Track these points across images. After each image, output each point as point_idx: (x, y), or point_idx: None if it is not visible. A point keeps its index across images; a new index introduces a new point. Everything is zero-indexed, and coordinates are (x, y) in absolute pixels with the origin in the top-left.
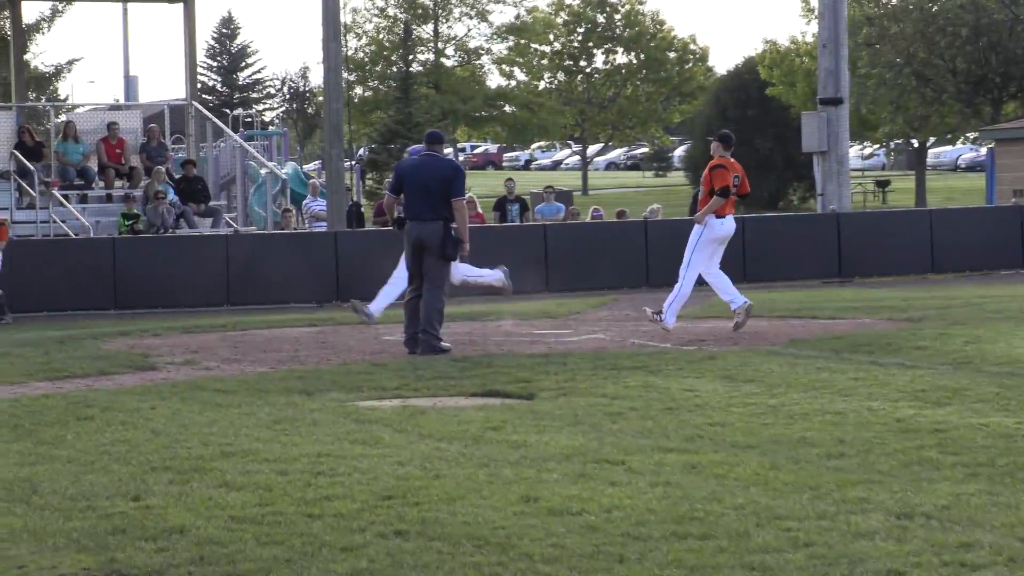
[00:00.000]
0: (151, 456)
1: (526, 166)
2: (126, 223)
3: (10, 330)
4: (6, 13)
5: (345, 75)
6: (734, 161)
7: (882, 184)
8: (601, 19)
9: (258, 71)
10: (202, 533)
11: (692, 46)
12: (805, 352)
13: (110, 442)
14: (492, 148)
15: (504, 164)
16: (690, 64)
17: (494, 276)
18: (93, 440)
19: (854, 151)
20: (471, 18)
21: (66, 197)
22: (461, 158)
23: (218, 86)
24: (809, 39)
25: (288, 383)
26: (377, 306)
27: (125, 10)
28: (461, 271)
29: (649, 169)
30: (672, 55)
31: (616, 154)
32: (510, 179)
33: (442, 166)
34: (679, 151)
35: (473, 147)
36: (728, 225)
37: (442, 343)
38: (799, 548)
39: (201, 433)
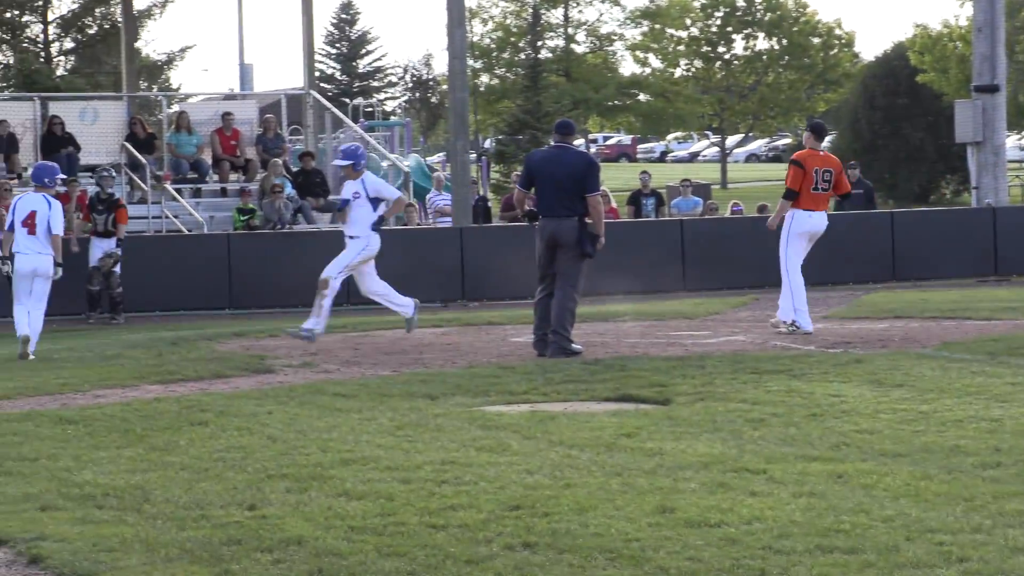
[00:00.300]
0: (267, 463)
1: (661, 158)
2: (241, 218)
3: (121, 330)
4: (117, 0)
5: (470, 62)
6: (827, 154)
7: None
8: (741, 2)
9: (379, 58)
10: (321, 544)
11: (838, 31)
12: (959, 355)
13: (225, 448)
14: (625, 139)
15: (638, 156)
16: (835, 50)
17: (403, 306)
18: (207, 446)
19: (1011, 141)
20: (603, 2)
21: (179, 191)
22: (593, 150)
23: (337, 74)
24: (963, 23)
25: (411, 387)
26: (317, 322)
27: (240, 2)
28: (378, 287)
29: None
30: (816, 40)
31: (757, 145)
32: (645, 172)
33: (575, 159)
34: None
35: (606, 138)
36: (816, 221)
37: (573, 345)
38: (952, 563)
39: (320, 439)
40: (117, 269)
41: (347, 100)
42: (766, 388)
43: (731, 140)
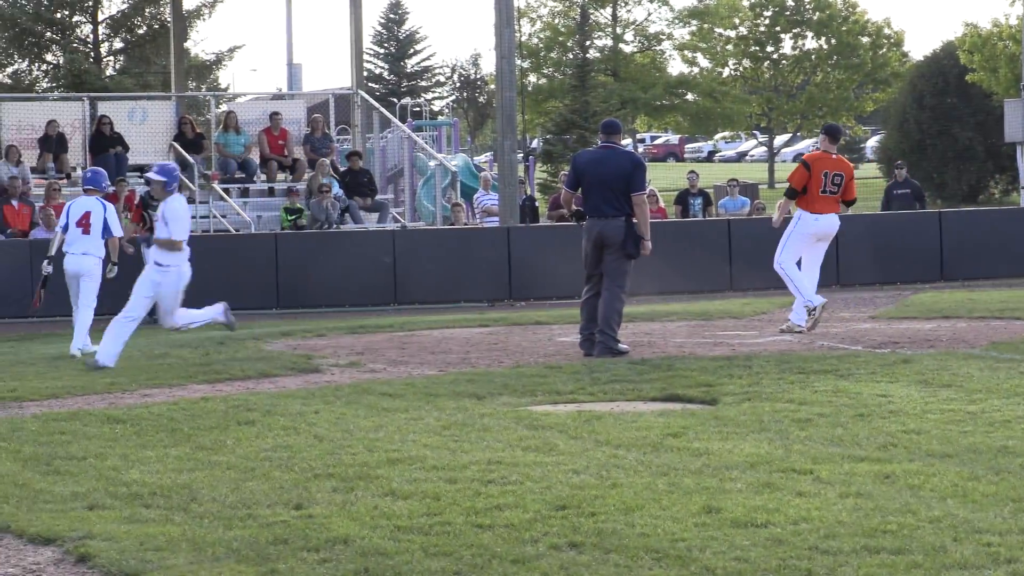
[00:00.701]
0: (314, 463)
1: (709, 158)
2: (289, 218)
3: (168, 330)
4: (166, 0)
5: (518, 62)
6: (839, 158)
7: None
8: (790, 2)
9: (427, 58)
10: (367, 543)
11: (886, 30)
12: (1007, 355)
13: (271, 448)
14: (673, 139)
15: (686, 156)
16: (884, 49)
17: (215, 312)
18: (254, 445)
19: None
20: (652, 1)
21: (226, 191)
22: (640, 149)
23: (385, 74)
24: (1013, 21)
25: (458, 387)
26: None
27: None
28: (179, 318)
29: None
30: (865, 40)
31: (805, 145)
32: (692, 172)
33: (622, 159)
34: (871, 141)
35: (653, 138)
36: (823, 223)
37: (620, 345)
38: (1000, 564)
39: (366, 439)
40: None
41: (395, 100)
42: (813, 388)
43: (779, 140)
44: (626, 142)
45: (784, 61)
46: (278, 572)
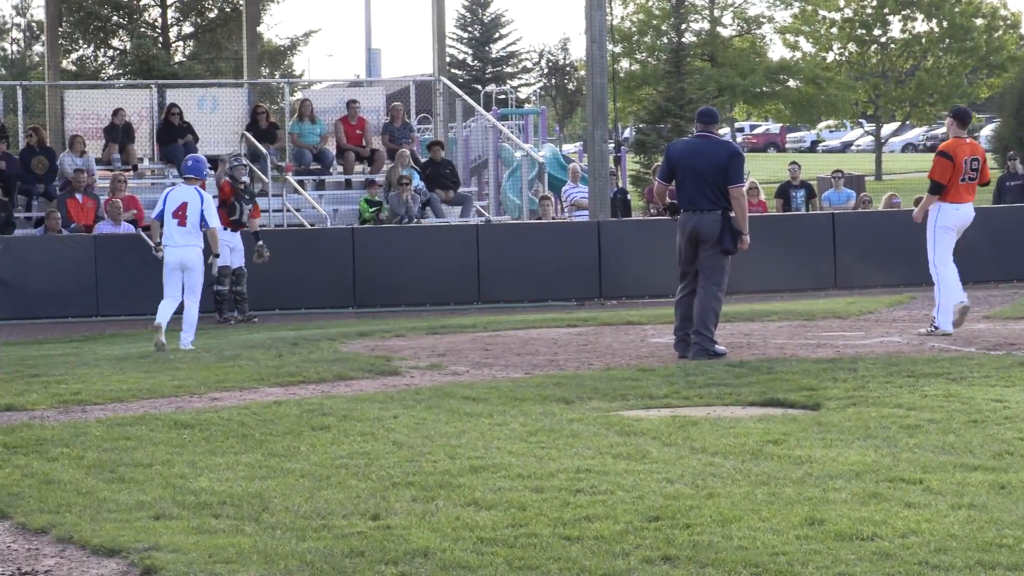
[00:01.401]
0: (392, 471)
1: (812, 148)
2: (369, 211)
3: (240, 330)
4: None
5: (610, 47)
6: (972, 142)
7: None
8: None
9: (513, 43)
10: (448, 556)
11: (1002, 11)
12: None
13: (348, 455)
14: (774, 128)
15: (787, 146)
16: (1000, 32)
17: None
18: (329, 452)
19: None
20: None
21: (301, 183)
22: (739, 139)
23: (469, 60)
24: None
25: (545, 390)
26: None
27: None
28: None
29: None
30: (979, 22)
31: (914, 134)
32: (794, 163)
33: (718, 149)
34: (987, 130)
35: (753, 127)
36: (964, 213)
37: (717, 346)
38: None
39: (448, 445)
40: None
41: (479, 87)
42: (923, 392)
43: (886, 129)
44: (723, 131)
45: (892, 45)
46: None
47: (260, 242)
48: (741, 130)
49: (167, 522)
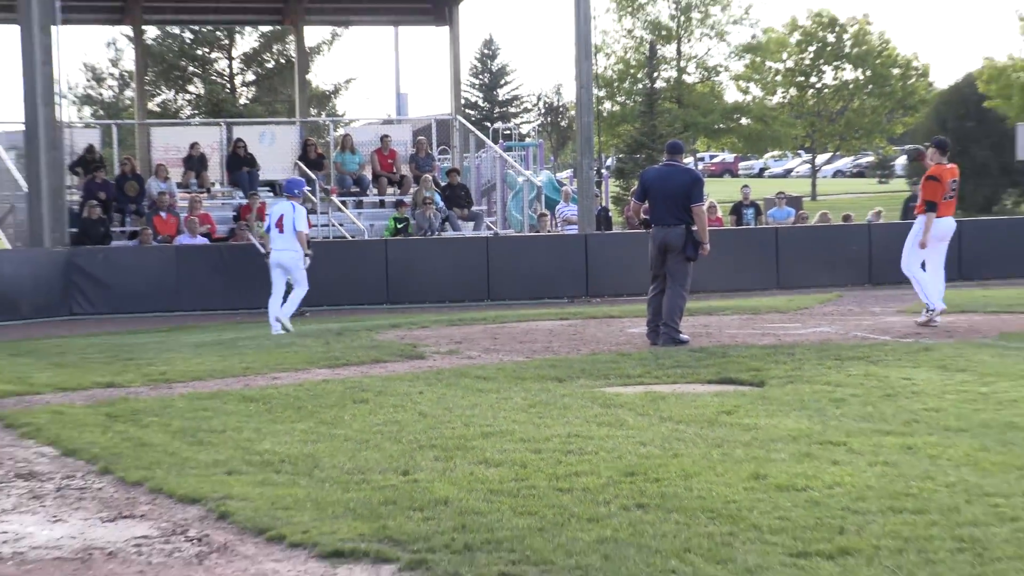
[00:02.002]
0: (419, 435)
1: (760, 174)
2: (397, 226)
3: (295, 323)
4: (291, 38)
5: (595, 91)
6: (952, 166)
7: None
8: (831, 38)
9: (516, 88)
10: (464, 504)
11: (915, 63)
12: (1015, 344)
13: (382, 423)
14: (729, 157)
15: (740, 172)
16: (913, 79)
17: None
18: (367, 421)
19: None
20: (711, 38)
21: (344, 203)
22: (700, 166)
23: (480, 102)
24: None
25: (542, 371)
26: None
27: (396, 33)
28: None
29: (873, 176)
30: (896, 71)
31: (843, 163)
32: (746, 186)
33: (682, 175)
34: (901, 160)
35: (711, 156)
36: (948, 225)
37: (681, 335)
38: (1005, 522)
39: (463, 415)
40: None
41: (488, 124)
42: (847, 372)
43: (820, 158)
44: (687, 160)
45: (825, 90)
46: (388, 528)
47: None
48: (702, 159)
49: (237, 476)
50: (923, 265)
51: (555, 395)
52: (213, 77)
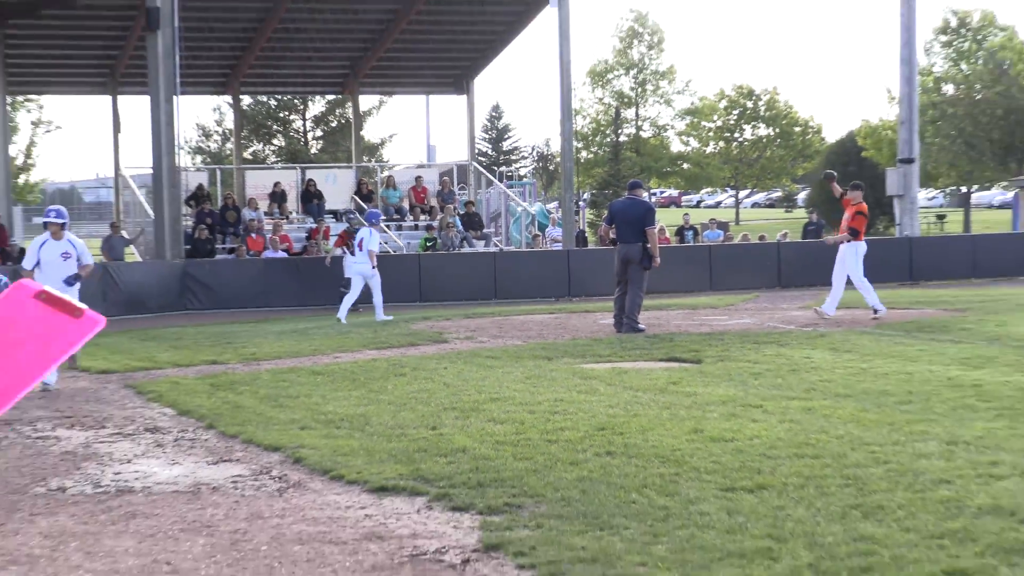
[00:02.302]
0: (443, 400)
1: (697, 205)
2: (427, 244)
3: (351, 317)
4: (349, 104)
5: (575, 143)
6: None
7: (940, 217)
8: (749, 104)
9: (515, 141)
10: (477, 452)
11: (811, 123)
12: (887, 332)
13: (416, 391)
14: (674, 193)
15: (682, 203)
16: (809, 135)
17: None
18: (405, 389)
19: (922, 195)
20: (660, 104)
21: (387, 226)
22: (653, 199)
23: (489, 151)
24: (891, 118)
25: (535, 352)
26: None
27: (427, 100)
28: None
29: (781, 207)
30: (797, 129)
31: (759, 197)
32: (686, 214)
33: (639, 206)
34: (802, 194)
35: (661, 192)
36: (865, 245)
37: (639, 325)
38: (880, 464)
39: (477, 385)
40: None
41: (495, 168)
42: (763, 353)
43: (742, 193)
44: (644, 194)
45: (745, 142)
46: (420, 470)
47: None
48: (654, 194)
49: (308, 431)
50: (836, 274)
51: (545, 370)
52: (291, 133)
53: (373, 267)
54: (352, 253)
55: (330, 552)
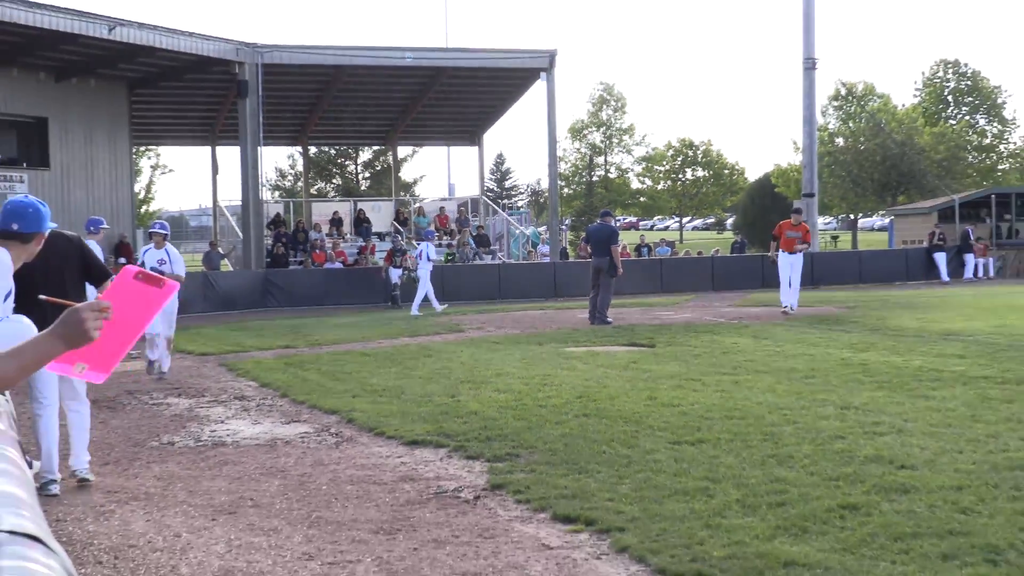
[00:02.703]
0: (460, 375)
1: (651, 228)
2: (448, 257)
3: (394, 312)
4: (390, 153)
5: (560, 182)
6: (801, 224)
7: (834, 238)
8: (691, 152)
9: (514, 181)
10: (485, 415)
11: (737, 166)
12: (795, 324)
13: (440, 368)
14: (633, 219)
15: (640, 227)
16: (736, 176)
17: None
18: (432, 367)
19: (820, 220)
20: (623, 153)
21: (416, 244)
22: (618, 224)
23: (494, 188)
24: (797, 163)
25: (529, 339)
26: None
27: (448, 151)
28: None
29: (715, 230)
30: (726, 171)
31: (698, 222)
32: (643, 235)
33: (607, 229)
34: (730, 220)
35: (624, 218)
36: (787, 257)
37: (608, 319)
38: (790, 424)
39: (485, 363)
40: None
41: (499, 200)
42: (701, 339)
43: (685, 220)
44: (612, 220)
45: (687, 181)
46: (443, 428)
47: (416, 272)
48: (619, 220)
49: (358, 399)
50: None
51: (536, 352)
52: (346, 174)
53: (423, 270)
54: (396, 267)
55: (374, 490)
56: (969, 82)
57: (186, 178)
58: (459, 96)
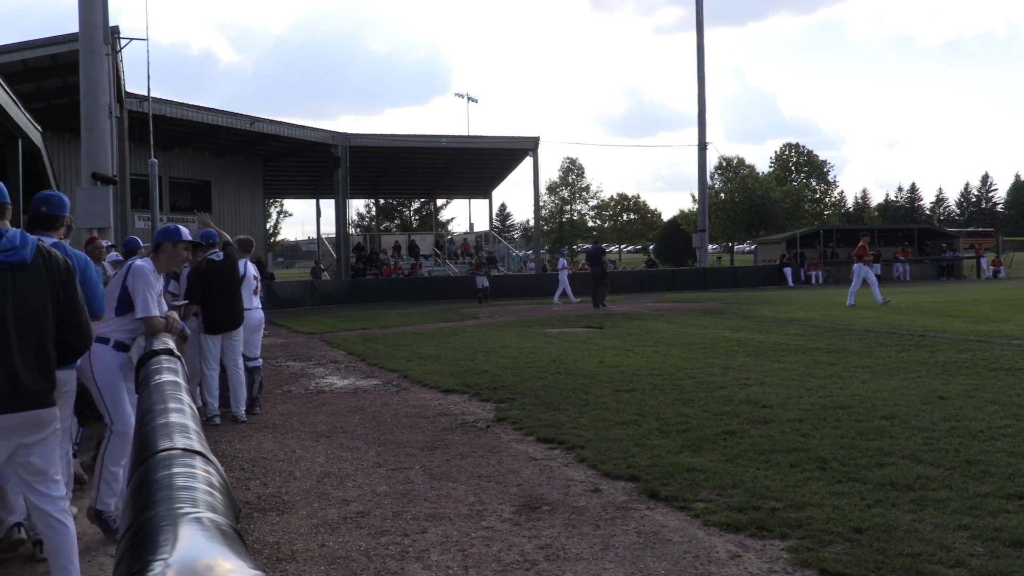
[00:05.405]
0: (478, 347)
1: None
2: (470, 272)
3: (434, 306)
4: (431, 203)
5: (541, 223)
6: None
7: (719, 258)
8: (626, 202)
9: (512, 221)
10: (494, 373)
11: (656, 211)
12: (693, 313)
13: (464, 343)
14: (588, 246)
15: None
16: (655, 218)
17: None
18: (459, 341)
19: (710, 246)
20: (583, 203)
21: (447, 261)
22: (574, 249)
23: (499, 225)
24: (695, 208)
25: (524, 323)
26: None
27: (469, 203)
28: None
29: (642, 253)
30: (649, 215)
31: (633, 247)
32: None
33: (600, 249)
34: (651, 247)
35: (583, 247)
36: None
37: (605, 304)
38: (690, 379)
39: (494, 340)
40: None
41: (502, 234)
42: (633, 324)
43: (624, 246)
44: (601, 246)
45: (624, 221)
46: (466, 381)
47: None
48: (575, 247)
49: (411, 362)
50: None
51: (527, 332)
52: (404, 216)
53: (563, 275)
54: (480, 275)
55: (421, 422)
56: (806, 157)
57: (300, 219)
58: (476, 166)
